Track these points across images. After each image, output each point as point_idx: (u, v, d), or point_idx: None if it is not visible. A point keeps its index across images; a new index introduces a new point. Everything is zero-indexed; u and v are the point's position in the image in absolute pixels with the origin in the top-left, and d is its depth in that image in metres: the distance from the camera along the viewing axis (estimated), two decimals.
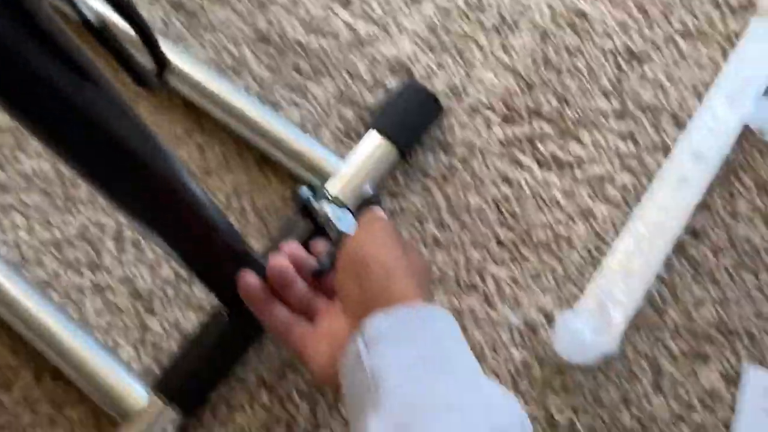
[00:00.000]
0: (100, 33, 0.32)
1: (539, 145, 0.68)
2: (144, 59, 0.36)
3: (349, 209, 0.63)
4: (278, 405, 0.59)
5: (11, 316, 0.61)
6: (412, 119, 0.67)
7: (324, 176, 0.65)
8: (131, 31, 0.34)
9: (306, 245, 0.54)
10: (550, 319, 0.61)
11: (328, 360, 0.46)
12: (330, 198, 0.63)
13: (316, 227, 0.60)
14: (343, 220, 0.58)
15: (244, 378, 0.60)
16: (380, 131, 0.66)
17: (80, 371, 0.59)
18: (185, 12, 0.75)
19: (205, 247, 0.51)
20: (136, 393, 0.58)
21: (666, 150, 0.67)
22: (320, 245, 0.55)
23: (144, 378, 0.59)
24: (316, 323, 0.50)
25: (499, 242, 0.64)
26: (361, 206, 0.64)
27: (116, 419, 0.58)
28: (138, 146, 0.40)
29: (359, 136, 0.69)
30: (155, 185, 0.43)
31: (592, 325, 0.58)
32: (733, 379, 0.59)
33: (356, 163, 0.65)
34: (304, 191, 0.62)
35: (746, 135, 0.66)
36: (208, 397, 0.59)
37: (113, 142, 0.38)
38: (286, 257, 0.51)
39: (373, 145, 0.66)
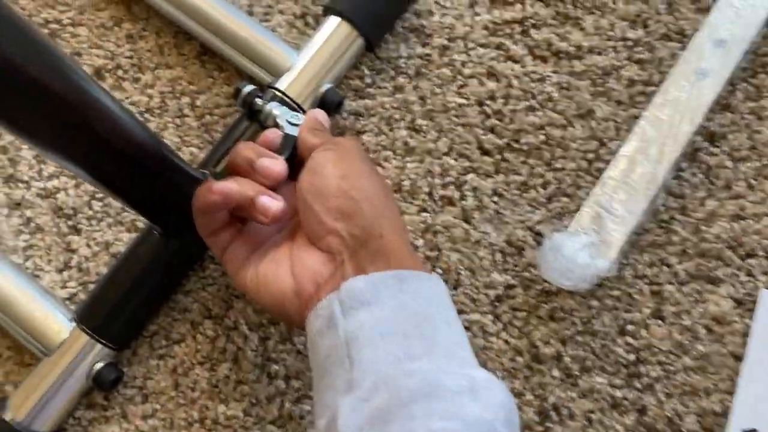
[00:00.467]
0: None
1: (532, 32, 0.57)
2: None
3: (303, 112, 0.53)
4: (224, 336, 0.52)
5: None
6: (381, 1, 0.56)
7: (276, 72, 0.54)
8: None
9: None
10: (538, 237, 0.53)
11: (288, 293, 0.40)
12: (281, 98, 0.53)
13: (262, 130, 0.51)
14: (295, 125, 0.48)
15: (185, 307, 0.52)
16: (342, 16, 0.55)
17: None
18: None
19: (125, 169, 0.42)
20: (58, 324, 0.50)
21: (682, 38, 0.56)
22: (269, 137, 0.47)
23: (68, 307, 0.52)
24: (273, 241, 0.43)
25: (482, 148, 0.55)
26: (319, 108, 0.55)
27: (35, 353, 0.50)
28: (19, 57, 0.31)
29: (318, 23, 0.58)
30: (51, 107, 0.34)
31: (585, 242, 0.50)
32: (746, 306, 0.51)
33: (313, 55, 0.55)
34: (249, 89, 0.52)
35: None
36: (141, 330, 0.52)
37: None
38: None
39: (333, 33, 0.55)
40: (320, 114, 0.47)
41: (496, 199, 0.54)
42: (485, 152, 0.55)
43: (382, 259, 0.38)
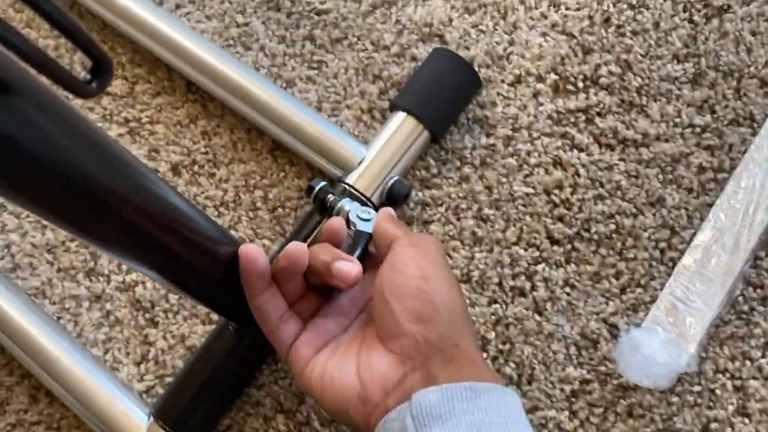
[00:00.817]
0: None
1: (597, 120, 0.57)
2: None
3: (373, 205, 0.55)
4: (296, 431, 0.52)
5: (0, 331, 0.55)
6: (445, 95, 0.57)
7: (345, 166, 0.56)
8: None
9: None
10: (613, 330, 0.52)
11: (352, 397, 0.39)
12: (351, 193, 0.54)
13: None
14: (366, 220, 0.49)
15: (258, 401, 0.53)
16: (408, 111, 0.56)
17: (74, 392, 0.52)
18: None
19: (200, 272, 0.43)
20: (136, 420, 0.51)
21: (752, 122, 0.56)
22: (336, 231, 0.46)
23: (145, 401, 0.53)
24: (339, 340, 0.43)
25: (551, 238, 0.55)
26: (388, 201, 0.56)
27: None
28: (98, 175, 0.32)
29: (385, 117, 0.60)
30: (128, 217, 0.36)
31: (663, 338, 0.49)
32: None
33: (380, 149, 0.56)
34: (321, 185, 0.53)
35: None
36: (215, 425, 0.52)
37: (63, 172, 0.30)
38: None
39: (400, 127, 0.56)
40: (391, 211, 0.48)
41: (568, 290, 0.53)
42: (555, 242, 0.55)
43: (455, 367, 0.37)
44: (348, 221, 0.50)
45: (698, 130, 0.56)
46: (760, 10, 0.58)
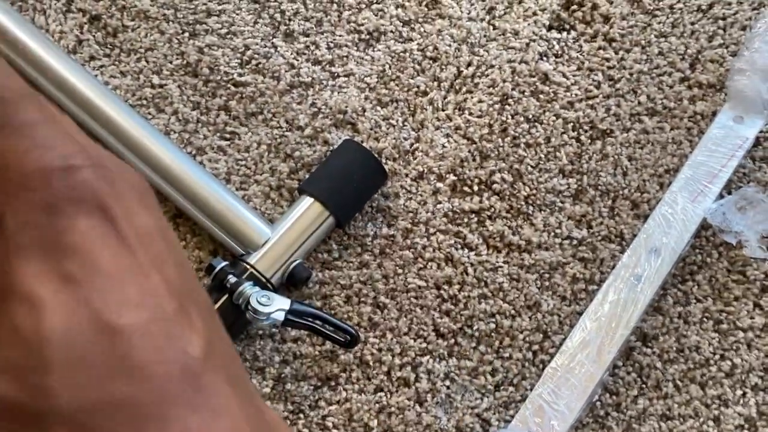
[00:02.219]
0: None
1: (488, 223, 0.62)
2: None
3: (273, 287, 0.56)
4: None
5: None
6: (352, 185, 0.60)
7: (248, 245, 0.57)
8: None
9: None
10: (485, 425, 0.56)
11: None
12: (252, 273, 0.55)
13: (233, 307, 0.53)
14: (265, 305, 0.51)
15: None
16: (315, 197, 0.59)
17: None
18: (104, 29, 0.66)
19: None
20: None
21: (621, 239, 0.63)
22: None
23: None
24: None
25: (437, 331, 0.59)
26: (288, 283, 0.58)
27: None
28: None
29: (292, 195, 0.62)
30: None
31: None
32: None
33: (286, 232, 0.58)
34: (221, 265, 0.55)
35: (705, 232, 0.62)
36: None
37: None
38: None
39: (306, 212, 0.59)
40: None
41: (448, 383, 0.57)
42: (440, 335, 0.59)
43: None
44: (247, 305, 0.52)
45: (575, 242, 0.62)
46: (637, 138, 0.65)
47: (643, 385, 0.58)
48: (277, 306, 0.52)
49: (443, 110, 0.65)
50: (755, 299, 0.60)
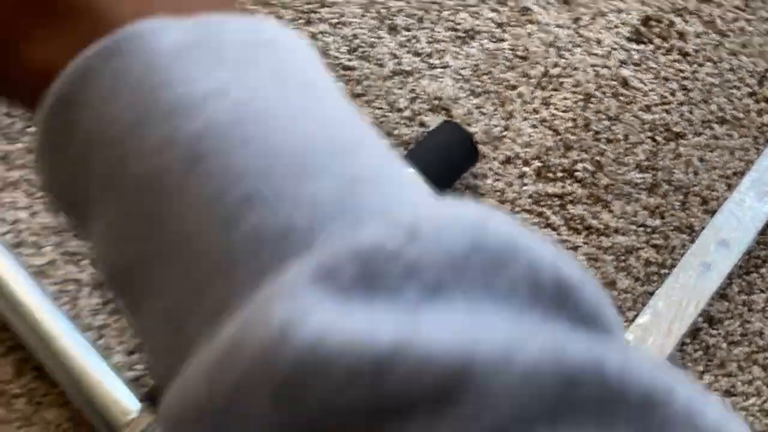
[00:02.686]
0: None
1: (569, 207, 0.67)
2: None
3: None
4: None
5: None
6: (446, 163, 0.66)
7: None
8: None
9: None
10: None
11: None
12: None
13: None
14: None
15: None
16: (416, 168, 0.64)
17: (66, 371, 0.55)
18: None
19: None
20: (124, 403, 0.54)
21: (691, 231, 0.67)
22: None
23: (135, 388, 0.56)
24: None
25: None
26: None
27: (97, 428, 0.54)
28: None
29: None
30: None
31: None
32: None
33: None
34: None
35: None
36: None
37: None
38: None
39: None
40: None
41: None
42: None
43: None
44: None
45: (649, 230, 0.67)
46: (707, 142, 0.71)
47: (709, 362, 0.62)
48: None
49: (531, 103, 0.71)
50: None
